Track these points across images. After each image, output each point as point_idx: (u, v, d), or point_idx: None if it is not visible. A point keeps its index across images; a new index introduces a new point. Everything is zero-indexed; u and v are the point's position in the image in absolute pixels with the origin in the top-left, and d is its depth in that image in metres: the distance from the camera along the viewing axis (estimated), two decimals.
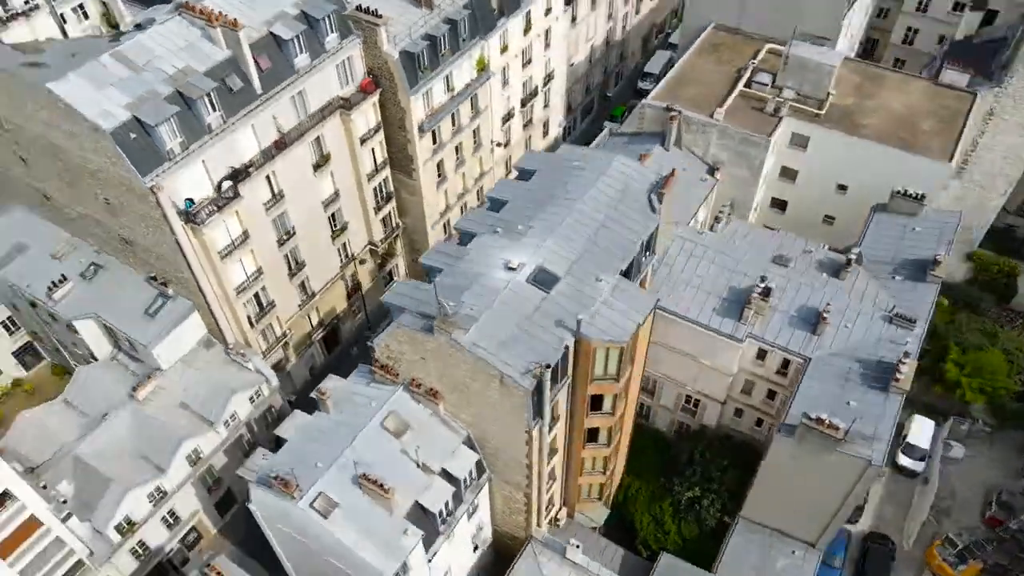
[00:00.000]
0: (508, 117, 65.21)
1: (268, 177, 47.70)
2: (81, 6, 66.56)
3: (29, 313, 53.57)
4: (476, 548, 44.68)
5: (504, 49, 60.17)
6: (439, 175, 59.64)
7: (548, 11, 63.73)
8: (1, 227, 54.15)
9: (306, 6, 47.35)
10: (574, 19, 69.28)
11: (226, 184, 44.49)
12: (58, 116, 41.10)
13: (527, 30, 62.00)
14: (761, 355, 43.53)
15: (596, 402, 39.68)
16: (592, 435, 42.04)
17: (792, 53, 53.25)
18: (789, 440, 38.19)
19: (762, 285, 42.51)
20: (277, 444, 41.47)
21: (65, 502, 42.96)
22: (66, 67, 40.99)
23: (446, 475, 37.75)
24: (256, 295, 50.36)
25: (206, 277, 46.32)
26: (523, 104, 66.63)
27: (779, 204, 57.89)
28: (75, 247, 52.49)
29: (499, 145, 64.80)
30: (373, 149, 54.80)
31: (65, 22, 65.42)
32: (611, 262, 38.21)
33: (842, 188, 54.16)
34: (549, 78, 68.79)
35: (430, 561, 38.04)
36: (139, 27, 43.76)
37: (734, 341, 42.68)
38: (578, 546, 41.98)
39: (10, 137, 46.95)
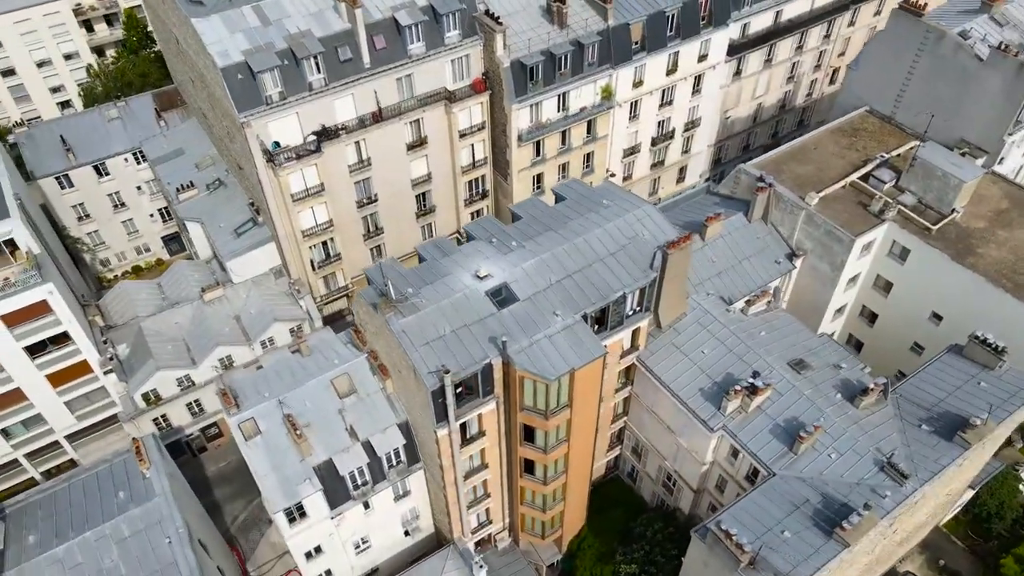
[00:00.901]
0: (632, 151, 64.77)
1: (358, 143, 52.40)
2: None
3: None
4: (408, 533, 46.11)
5: (638, 84, 59.96)
6: (537, 187, 61.04)
7: (703, 57, 62.22)
8: (178, 132, 64.83)
9: (435, 0, 51.19)
10: (739, 72, 66.64)
11: (310, 138, 49.81)
12: (199, 48, 48.80)
13: (671, 71, 61.14)
14: (735, 453, 40.05)
15: (529, 433, 39.32)
16: (528, 467, 41.63)
17: (921, 155, 47.52)
18: (702, 545, 35.17)
19: (750, 380, 39.10)
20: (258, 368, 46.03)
21: (112, 359, 51.09)
22: (217, 9, 48.46)
23: (368, 447, 39.72)
24: (324, 243, 55.55)
25: (279, 214, 52.17)
26: (654, 143, 65.69)
27: (869, 315, 51.86)
28: (214, 162, 61.48)
29: (613, 175, 64.57)
30: (473, 145, 57.69)
31: None
32: (580, 302, 37.66)
33: (936, 317, 47.42)
34: (693, 124, 67.03)
35: (334, 519, 40.29)
36: None
37: (706, 428, 39.76)
38: (482, 567, 41.85)
39: (183, 58, 56.29)
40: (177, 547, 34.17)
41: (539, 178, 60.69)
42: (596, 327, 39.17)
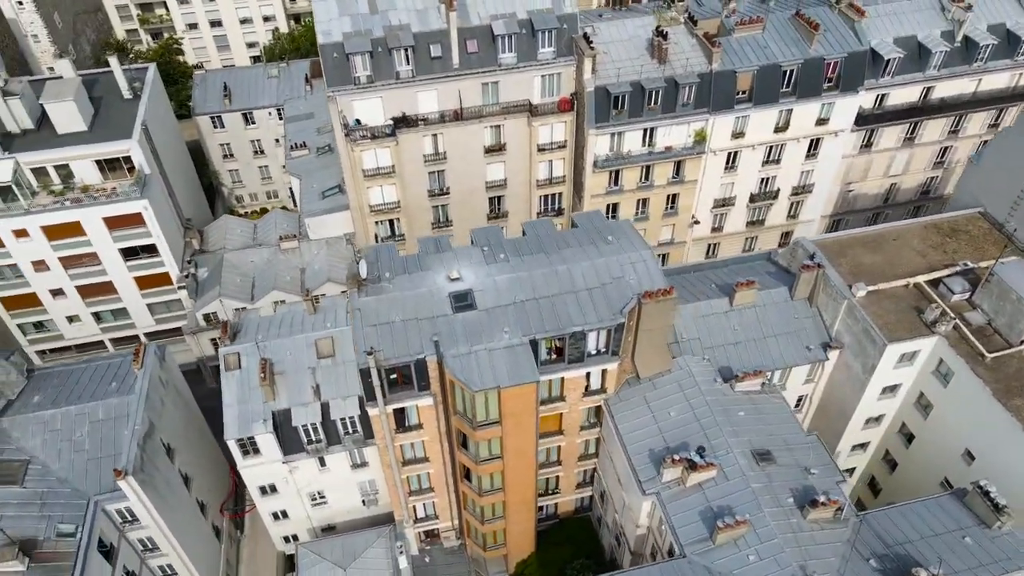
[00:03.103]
0: (725, 203, 62.13)
1: (436, 135, 55.36)
2: None
3: None
4: (365, 503, 48.42)
5: (738, 134, 57.55)
6: (612, 215, 60.52)
7: (823, 121, 58.32)
8: (317, 97, 71.62)
9: (534, 16, 52.79)
10: (868, 144, 61.46)
11: (387, 122, 53.54)
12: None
13: (781, 129, 57.95)
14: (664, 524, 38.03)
15: (464, 440, 40.03)
16: (467, 474, 42.29)
17: (999, 272, 41.61)
18: None
19: (692, 455, 36.90)
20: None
21: (188, 276, 58.36)
22: None
23: (325, 408, 42.52)
24: (391, 222, 59.28)
25: (351, 186, 56.58)
26: (752, 200, 62.48)
27: (907, 435, 46.21)
28: (332, 129, 67.45)
29: (697, 223, 62.38)
30: (552, 161, 58.53)
31: None
32: (534, 326, 37.71)
33: (969, 456, 41.37)
34: (803, 189, 62.85)
35: (286, 464, 43.59)
36: None
37: (640, 489, 38.14)
38: (402, 552, 43.22)
39: None
40: (126, 440, 39.17)
41: (614, 207, 60.15)
42: (554, 357, 39.00)
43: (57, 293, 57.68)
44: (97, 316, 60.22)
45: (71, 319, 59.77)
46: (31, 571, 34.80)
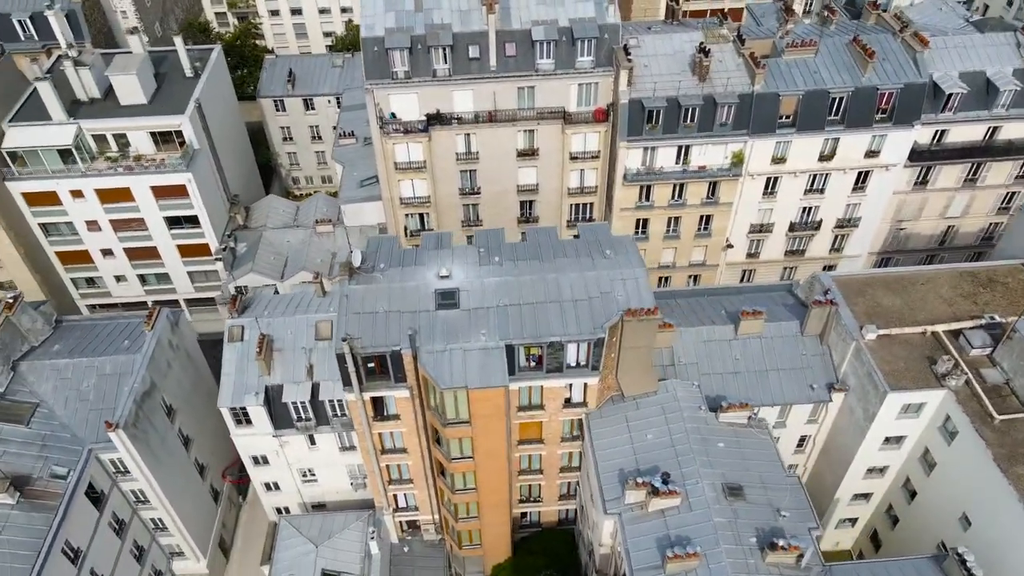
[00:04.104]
0: (761, 229, 60.21)
1: (468, 135, 56.00)
2: None
3: None
4: (353, 485, 49.58)
5: (779, 160, 55.73)
6: (642, 231, 59.72)
7: (873, 153, 55.80)
8: None
9: (575, 24, 52.72)
10: (924, 182, 58.32)
11: (421, 118, 54.55)
12: None
13: (825, 157, 55.77)
14: None
15: (438, 435, 40.46)
16: (442, 469, 42.72)
17: (1022, 329, 38.83)
18: None
19: (656, 480, 36.08)
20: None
21: (225, 249, 61.14)
22: None
23: (316, 388, 43.85)
24: (421, 216, 60.34)
25: (383, 177, 57.91)
26: (792, 228, 60.32)
27: (910, 491, 43.70)
28: None
29: (730, 247, 60.69)
30: (583, 171, 58.22)
31: None
32: (512, 332, 37.74)
33: (966, 521, 38.80)
34: (848, 223, 60.20)
35: (276, 438, 45.22)
36: None
37: (603, 508, 37.63)
38: (374, 538, 44.06)
39: None
40: (123, 396, 41.54)
41: (644, 223, 59.28)
42: (534, 365, 38.93)
43: (107, 253, 61.60)
44: (143, 279, 63.92)
45: (119, 279, 63.66)
46: (20, 505, 37.42)
